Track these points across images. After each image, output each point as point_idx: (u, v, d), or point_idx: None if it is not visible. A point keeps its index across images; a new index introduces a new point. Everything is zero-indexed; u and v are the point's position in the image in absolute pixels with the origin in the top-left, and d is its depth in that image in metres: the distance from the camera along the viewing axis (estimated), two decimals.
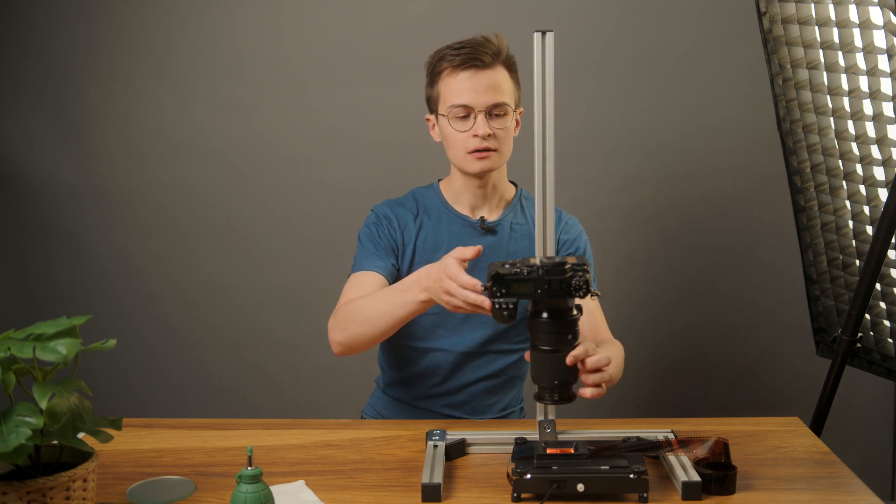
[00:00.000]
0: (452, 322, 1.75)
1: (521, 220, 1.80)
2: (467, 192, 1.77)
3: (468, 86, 1.66)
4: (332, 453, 1.50)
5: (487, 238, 1.76)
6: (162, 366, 2.64)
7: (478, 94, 1.65)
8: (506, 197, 1.81)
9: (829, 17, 1.71)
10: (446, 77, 1.68)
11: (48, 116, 2.55)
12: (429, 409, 1.81)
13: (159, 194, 2.57)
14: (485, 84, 1.66)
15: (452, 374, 1.78)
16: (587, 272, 1.27)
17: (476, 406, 1.81)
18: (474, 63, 1.65)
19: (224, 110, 2.51)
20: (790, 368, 2.52)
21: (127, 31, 2.50)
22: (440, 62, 1.69)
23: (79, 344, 1.11)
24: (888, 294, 1.85)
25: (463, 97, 1.66)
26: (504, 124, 1.68)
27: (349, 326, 1.60)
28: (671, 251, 2.52)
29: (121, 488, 1.35)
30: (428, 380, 1.80)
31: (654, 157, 2.47)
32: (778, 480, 1.37)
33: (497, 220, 1.78)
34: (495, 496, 1.32)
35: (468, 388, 1.79)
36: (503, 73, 1.69)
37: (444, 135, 1.72)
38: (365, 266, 1.71)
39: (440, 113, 1.71)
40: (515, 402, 1.88)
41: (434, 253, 1.74)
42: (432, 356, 1.78)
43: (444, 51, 1.69)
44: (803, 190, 1.96)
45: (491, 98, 1.66)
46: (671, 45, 2.42)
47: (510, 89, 1.70)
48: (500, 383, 1.82)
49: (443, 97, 1.70)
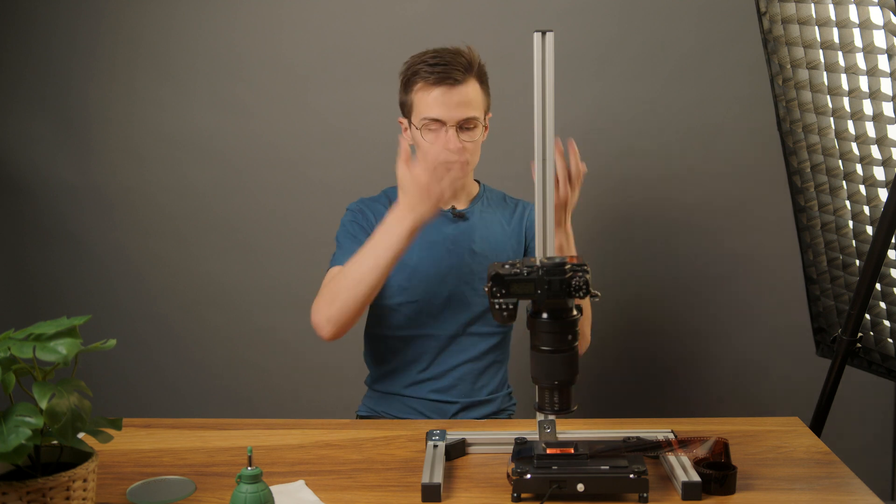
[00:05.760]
0: (433, 308, 1.83)
1: (489, 210, 1.92)
2: None
3: (441, 101, 1.74)
4: (331, 453, 1.50)
5: (459, 224, 1.86)
6: (162, 366, 2.64)
7: (450, 109, 1.74)
8: (472, 192, 1.93)
9: (829, 17, 1.71)
10: (420, 91, 1.77)
11: (48, 116, 2.55)
12: (417, 396, 1.86)
13: (159, 194, 2.57)
14: (457, 100, 1.74)
15: (436, 358, 1.85)
16: (587, 272, 1.27)
17: (463, 390, 1.86)
18: (446, 81, 1.74)
19: (224, 110, 2.51)
20: (790, 368, 2.52)
21: (127, 31, 2.50)
22: (414, 77, 1.77)
23: (79, 344, 1.11)
24: (888, 294, 1.85)
25: (436, 111, 1.75)
26: (474, 137, 1.78)
27: (336, 297, 1.68)
28: (671, 251, 2.52)
29: (121, 488, 1.35)
30: (413, 367, 1.86)
31: (655, 157, 2.47)
32: (778, 480, 1.37)
33: (467, 209, 1.89)
34: (495, 496, 1.32)
35: (453, 372, 1.85)
36: (474, 87, 1.78)
37: (416, 143, 1.80)
38: (340, 262, 1.78)
39: (414, 124, 1.79)
40: (502, 386, 1.93)
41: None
42: (416, 343, 1.85)
43: (419, 65, 1.77)
44: (803, 190, 1.96)
45: (462, 113, 1.75)
46: (671, 45, 2.42)
47: (480, 102, 1.79)
48: (484, 367, 1.88)
49: (416, 109, 1.78)
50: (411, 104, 1.79)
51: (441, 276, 1.82)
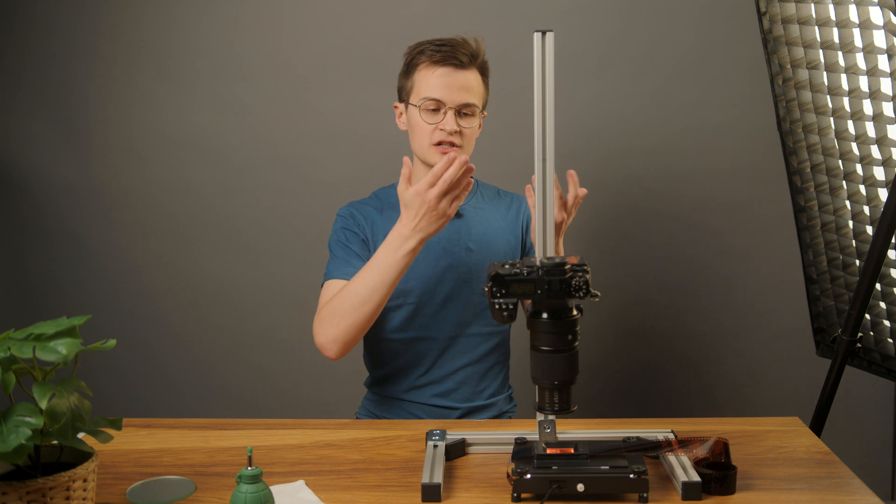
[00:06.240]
0: (431, 309, 1.81)
1: (483, 204, 1.90)
2: None
3: (443, 82, 1.74)
4: (331, 453, 1.50)
5: (453, 222, 1.84)
6: (162, 366, 2.64)
7: (451, 91, 1.74)
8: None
9: (829, 17, 1.71)
10: (423, 70, 1.76)
11: (48, 116, 2.55)
12: (417, 401, 1.84)
13: (159, 194, 2.57)
14: (459, 83, 1.75)
15: (436, 362, 1.83)
16: (587, 272, 1.28)
17: (464, 393, 1.84)
18: (451, 61, 1.74)
19: (224, 110, 2.51)
20: (790, 368, 2.52)
21: (127, 31, 2.50)
22: (419, 55, 1.77)
23: (79, 344, 1.11)
24: (888, 294, 1.85)
25: (437, 92, 1.74)
26: (471, 124, 1.78)
27: (342, 318, 1.65)
28: (671, 251, 2.52)
29: (121, 488, 1.35)
30: (413, 371, 1.84)
31: (654, 157, 2.47)
32: (778, 480, 1.37)
33: (461, 206, 1.86)
34: (495, 496, 1.32)
35: (454, 376, 1.84)
36: (476, 77, 1.78)
37: (412, 124, 1.79)
38: (335, 275, 1.77)
39: (411, 103, 1.78)
40: (503, 388, 1.92)
41: None
42: (415, 346, 1.83)
43: (425, 45, 1.77)
44: (803, 190, 1.96)
45: (462, 97, 1.75)
46: (671, 45, 2.42)
47: (480, 92, 1.79)
48: (485, 369, 1.86)
49: (416, 88, 1.77)
50: (411, 85, 1.79)
51: (438, 277, 1.81)
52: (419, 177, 1.80)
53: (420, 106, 1.75)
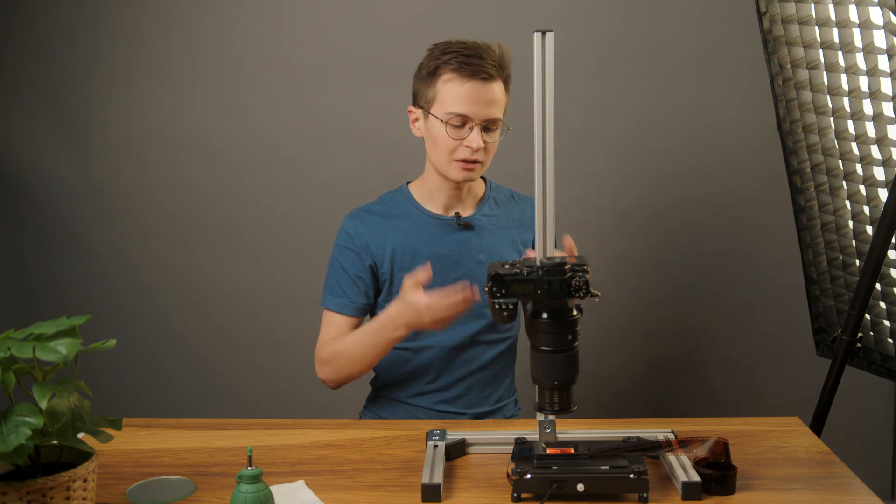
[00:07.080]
0: None
1: (497, 211, 1.85)
2: (442, 193, 1.81)
3: (472, 97, 1.68)
4: (331, 453, 1.50)
5: (464, 233, 1.80)
6: (162, 366, 2.64)
7: (480, 106, 1.68)
8: (478, 194, 1.86)
9: (829, 17, 1.71)
10: (450, 82, 1.68)
11: (48, 116, 2.55)
12: (424, 406, 1.83)
13: (159, 194, 2.56)
14: (487, 98, 1.68)
15: (444, 370, 1.81)
16: (587, 272, 1.27)
17: (471, 400, 1.83)
18: (480, 75, 1.67)
19: (224, 110, 2.51)
20: (790, 368, 2.52)
21: (127, 31, 2.50)
22: (445, 65, 1.68)
23: (79, 344, 1.11)
24: (888, 294, 1.85)
25: (464, 107, 1.68)
26: (495, 138, 1.73)
27: (340, 369, 1.74)
28: (671, 251, 2.52)
29: (121, 488, 1.35)
30: (421, 378, 1.83)
31: (654, 157, 2.47)
32: (778, 480, 1.37)
33: (471, 216, 1.82)
34: (495, 496, 1.32)
35: (461, 383, 1.82)
36: (501, 87, 1.72)
37: (433, 136, 1.72)
38: (331, 305, 1.80)
39: (433, 113, 1.71)
40: (509, 392, 1.91)
41: (413, 258, 1.77)
42: (423, 354, 1.81)
43: (452, 52, 1.68)
44: (803, 190, 1.96)
45: (489, 112, 1.69)
46: (671, 45, 2.42)
47: (504, 103, 1.74)
48: (492, 375, 1.85)
49: (441, 100, 1.69)
50: (435, 94, 1.70)
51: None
52: (431, 184, 1.79)
53: (446, 121, 1.68)
